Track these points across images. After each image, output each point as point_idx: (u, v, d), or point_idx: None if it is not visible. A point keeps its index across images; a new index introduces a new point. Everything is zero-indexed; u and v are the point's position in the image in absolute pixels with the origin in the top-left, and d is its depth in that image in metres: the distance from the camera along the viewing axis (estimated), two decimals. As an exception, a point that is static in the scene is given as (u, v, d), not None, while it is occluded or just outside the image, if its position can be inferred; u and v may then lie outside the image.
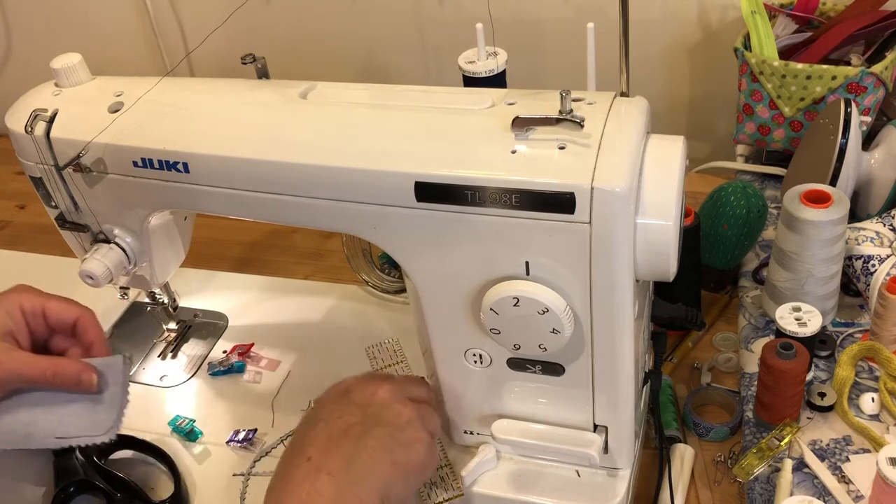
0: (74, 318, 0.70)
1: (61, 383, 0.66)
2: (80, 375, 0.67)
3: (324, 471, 0.58)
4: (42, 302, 0.69)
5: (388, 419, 0.63)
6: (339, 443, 0.60)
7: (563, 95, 0.58)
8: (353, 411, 0.63)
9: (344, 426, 0.61)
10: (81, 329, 0.70)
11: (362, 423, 0.62)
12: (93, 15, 1.42)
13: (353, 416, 0.62)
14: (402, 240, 0.63)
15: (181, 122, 0.68)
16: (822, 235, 0.80)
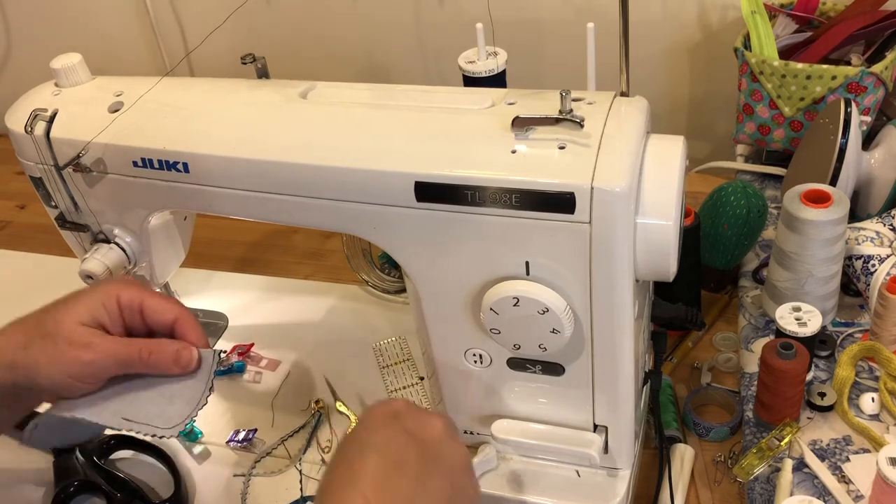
0: (174, 318, 0.65)
1: (158, 362, 0.62)
2: (179, 352, 0.63)
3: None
4: (141, 297, 0.64)
5: (449, 462, 0.57)
6: (397, 483, 0.53)
7: (563, 95, 0.58)
8: (409, 443, 0.55)
9: (400, 461, 0.54)
10: (181, 331, 0.65)
11: (422, 461, 0.55)
12: (93, 15, 1.42)
13: (410, 450, 0.55)
14: (402, 240, 0.63)
15: (181, 122, 0.68)
16: (822, 235, 0.80)
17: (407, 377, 0.85)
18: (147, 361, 0.62)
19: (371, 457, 0.54)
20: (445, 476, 0.55)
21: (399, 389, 0.84)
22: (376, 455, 0.54)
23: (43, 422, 0.65)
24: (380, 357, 0.88)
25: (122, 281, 0.67)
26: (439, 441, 0.57)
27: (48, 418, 0.64)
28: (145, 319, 0.65)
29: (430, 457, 0.55)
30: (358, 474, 0.53)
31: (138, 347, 0.62)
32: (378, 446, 0.55)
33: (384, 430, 0.56)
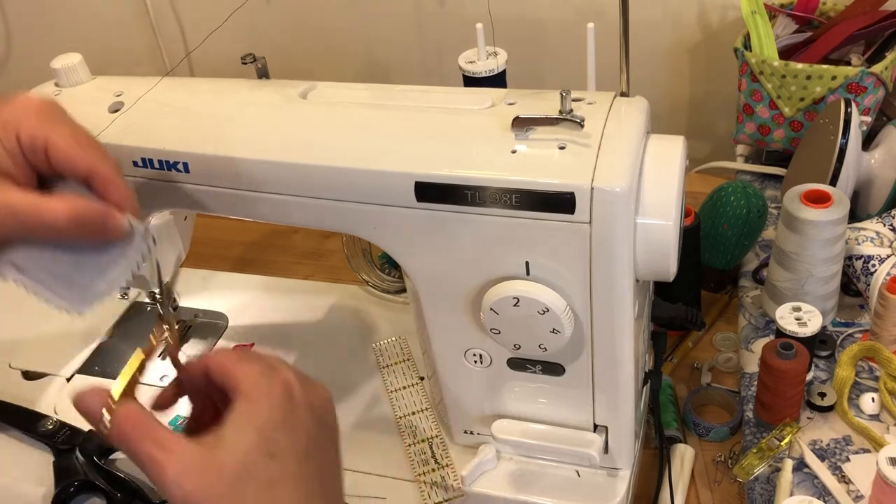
0: (86, 171, 0.51)
1: (82, 231, 0.50)
2: (107, 220, 0.50)
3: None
4: (45, 134, 0.50)
5: (332, 423, 0.52)
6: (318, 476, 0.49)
7: (563, 95, 0.58)
8: (309, 424, 0.50)
9: (310, 449, 0.49)
10: (99, 189, 0.51)
11: (322, 437, 0.51)
12: (93, 15, 1.42)
13: (312, 430, 0.50)
14: (402, 240, 0.63)
15: (181, 122, 0.68)
16: (822, 235, 0.80)
17: (407, 377, 0.85)
18: (66, 227, 0.49)
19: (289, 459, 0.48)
20: (335, 440, 0.52)
21: (399, 389, 0.84)
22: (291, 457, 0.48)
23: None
24: (380, 357, 0.88)
25: (28, 105, 0.51)
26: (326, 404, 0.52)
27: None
28: (54, 166, 0.50)
29: (322, 429, 0.51)
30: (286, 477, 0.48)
31: (54, 209, 0.49)
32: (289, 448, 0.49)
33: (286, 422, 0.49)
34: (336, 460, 0.52)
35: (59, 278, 0.52)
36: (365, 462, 0.77)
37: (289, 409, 0.48)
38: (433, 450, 0.76)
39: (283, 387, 0.49)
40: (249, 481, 0.46)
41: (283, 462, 0.47)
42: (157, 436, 0.47)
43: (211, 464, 0.45)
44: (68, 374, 0.89)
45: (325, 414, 0.51)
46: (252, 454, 0.46)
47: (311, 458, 0.49)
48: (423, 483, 0.74)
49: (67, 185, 0.52)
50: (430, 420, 0.79)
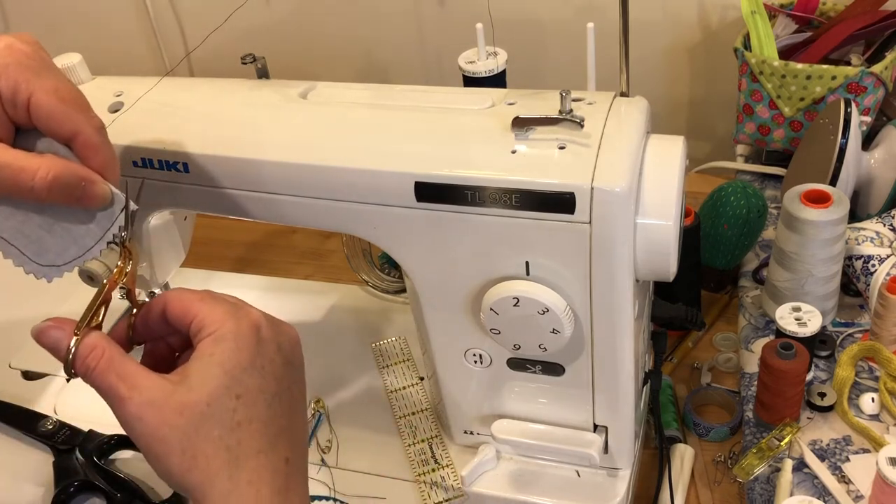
0: (71, 133, 0.48)
1: (60, 196, 0.47)
2: (87, 186, 0.48)
3: (294, 467, 0.48)
4: (29, 88, 0.46)
5: (300, 363, 0.52)
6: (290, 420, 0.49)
7: (563, 95, 0.58)
8: (277, 367, 0.49)
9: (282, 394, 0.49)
10: (82, 154, 0.48)
11: (287, 379, 0.50)
12: (93, 15, 1.42)
13: (281, 376, 0.49)
14: (402, 240, 0.63)
15: (181, 122, 0.68)
16: (822, 235, 0.80)
17: (407, 377, 0.85)
18: (45, 188, 0.46)
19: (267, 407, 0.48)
20: (301, 381, 0.52)
21: (399, 389, 0.84)
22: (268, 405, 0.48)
23: None
24: (380, 357, 0.88)
25: (11, 53, 0.47)
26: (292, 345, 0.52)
27: None
28: (35, 123, 0.48)
29: (288, 368, 0.51)
30: (268, 431, 0.48)
31: (30, 166, 0.46)
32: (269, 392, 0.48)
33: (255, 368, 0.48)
34: (302, 401, 0.51)
35: (31, 240, 0.50)
36: (365, 462, 0.77)
37: (257, 349, 0.48)
38: (433, 450, 0.76)
39: (251, 326, 0.48)
40: (214, 421, 0.45)
41: (250, 404, 0.46)
42: (121, 368, 0.46)
43: (175, 400, 0.45)
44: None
45: (292, 354, 0.51)
46: (218, 394, 0.45)
47: (279, 400, 0.48)
48: (423, 483, 0.74)
49: (51, 145, 0.49)
50: (430, 420, 0.79)
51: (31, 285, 1.04)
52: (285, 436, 0.48)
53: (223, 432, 0.45)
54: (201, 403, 0.45)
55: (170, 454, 0.45)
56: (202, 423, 0.45)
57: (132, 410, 0.45)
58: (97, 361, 0.47)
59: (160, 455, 0.45)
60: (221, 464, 0.45)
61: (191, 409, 0.45)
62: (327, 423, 0.82)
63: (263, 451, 0.47)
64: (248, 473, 0.46)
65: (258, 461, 0.46)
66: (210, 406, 0.45)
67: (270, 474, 0.47)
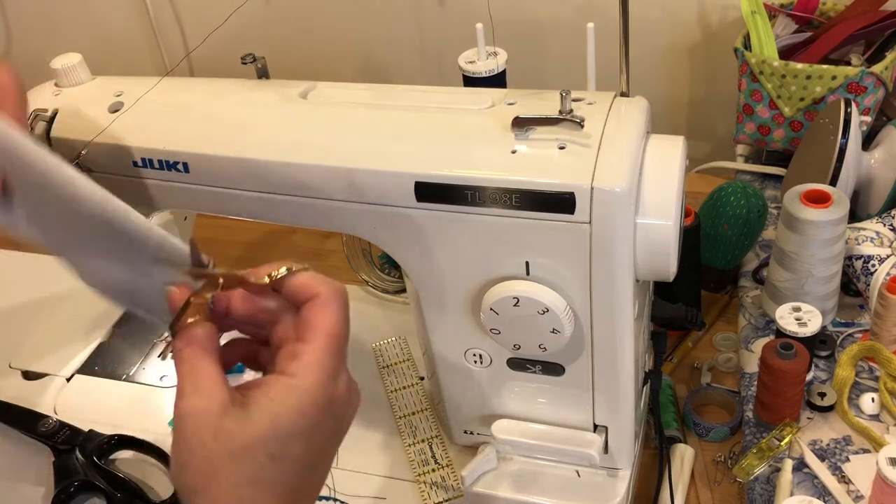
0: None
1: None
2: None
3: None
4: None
5: (345, 430, 0.52)
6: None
7: (563, 95, 0.58)
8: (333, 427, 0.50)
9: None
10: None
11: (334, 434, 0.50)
12: (93, 15, 1.42)
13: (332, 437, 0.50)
14: (402, 240, 0.63)
15: (181, 122, 0.68)
16: (822, 235, 0.80)
17: (407, 377, 0.85)
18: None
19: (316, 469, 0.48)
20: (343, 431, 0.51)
21: (399, 389, 0.84)
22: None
23: None
24: (380, 357, 0.88)
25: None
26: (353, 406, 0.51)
27: None
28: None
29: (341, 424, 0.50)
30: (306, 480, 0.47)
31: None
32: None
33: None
34: (329, 465, 0.50)
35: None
36: (365, 462, 0.77)
37: (316, 421, 0.46)
38: (433, 450, 0.76)
39: (330, 399, 0.47)
40: (236, 467, 0.44)
41: (281, 469, 0.45)
42: (196, 364, 0.46)
43: (219, 422, 0.44)
44: (68, 374, 0.89)
45: (343, 428, 0.50)
46: (254, 445, 0.44)
47: (313, 471, 0.47)
48: (423, 483, 0.74)
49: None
50: (430, 420, 0.79)
51: (32, 285, 1.04)
52: (300, 501, 0.47)
53: (241, 481, 0.44)
54: (236, 443, 0.44)
55: (188, 467, 0.44)
56: (227, 461, 0.44)
57: (181, 407, 0.45)
58: (185, 345, 0.47)
59: (181, 462, 0.45)
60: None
61: (224, 442, 0.44)
62: (327, 423, 0.82)
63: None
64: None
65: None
66: (244, 450, 0.44)
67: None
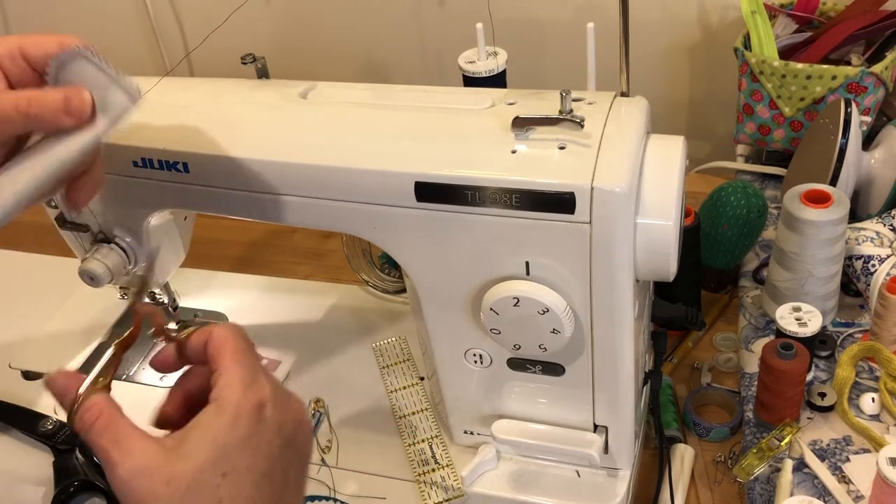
0: (57, 44, 0.53)
1: (43, 114, 0.51)
2: (69, 98, 0.51)
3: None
4: (18, 41, 0.52)
5: (302, 443, 0.52)
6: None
7: (563, 95, 0.58)
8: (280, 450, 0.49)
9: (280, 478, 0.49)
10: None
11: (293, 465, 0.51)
12: (93, 15, 1.42)
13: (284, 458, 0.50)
14: (402, 240, 0.63)
15: (181, 122, 0.68)
16: (822, 235, 0.80)
17: (407, 377, 0.85)
18: (28, 113, 0.50)
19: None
20: (304, 460, 0.52)
21: (399, 389, 0.84)
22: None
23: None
24: (380, 357, 0.88)
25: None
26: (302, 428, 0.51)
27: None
28: (31, 64, 0.53)
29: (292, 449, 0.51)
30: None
31: (14, 98, 0.50)
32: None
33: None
34: (298, 482, 0.51)
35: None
36: (365, 462, 0.77)
37: (255, 429, 0.48)
38: (433, 450, 0.76)
39: (256, 405, 0.48)
40: (196, 495, 0.45)
41: (236, 483, 0.46)
42: (116, 431, 0.46)
43: (163, 470, 0.45)
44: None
45: (295, 435, 0.50)
46: (206, 468, 0.45)
47: (269, 481, 0.48)
48: (423, 483, 0.74)
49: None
50: (430, 420, 0.79)
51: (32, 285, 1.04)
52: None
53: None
54: (187, 475, 0.45)
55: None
56: (186, 494, 0.45)
57: (121, 475, 0.45)
58: (94, 420, 0.47)
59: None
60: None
61: (177, 481, 0.45)
62: (327, 423, 0.82)
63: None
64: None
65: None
66: (195, 479, 0.45)
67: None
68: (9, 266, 1.12)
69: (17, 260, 1.13)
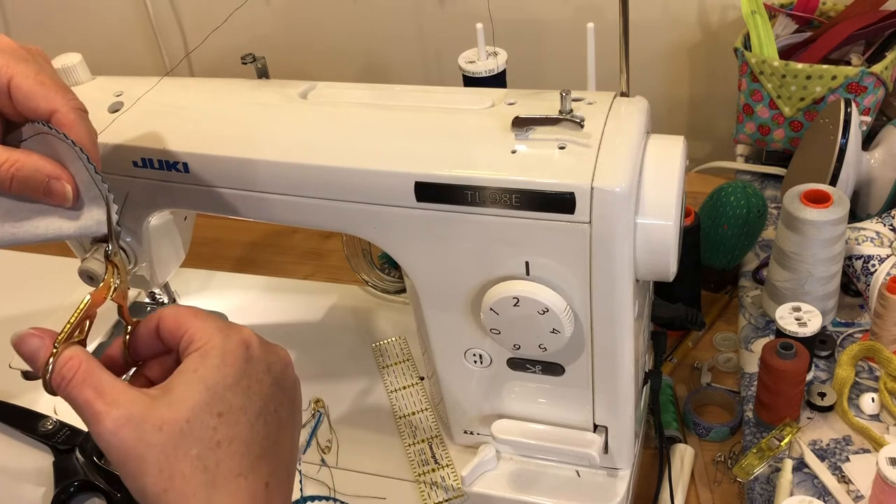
0: (49, 111, 0.48)
1: (22, 190, 0.48)
2: (50, 182, 0.49)
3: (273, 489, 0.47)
4: (9, 72, 0.48)
5: (291, 385, 0.50)
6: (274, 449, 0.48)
7: (563, 95, 0.58)
8: (273, 392, 0.48)
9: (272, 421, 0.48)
10: (58, 127, 0.49)
11: (284, 406, 0.49)
12: (93, 15, 1.42)
13: (274, 400, 0.49)
14: (402, 240, 0.63)
15: (181, 122, 0.68)
16: (822, 235, 0.80)
17: (407, 377, 0.85)
18: (7, 181, 0.47)
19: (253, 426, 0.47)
20: (293, 405, 0.50)
21: (399, 389, 0.84)
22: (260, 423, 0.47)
23: None
24: (380, 357, 0.88)
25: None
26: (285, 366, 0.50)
27: None
28: (14, 103, 0.48)
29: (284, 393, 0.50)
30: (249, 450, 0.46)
31: (3, 158, 0.47)
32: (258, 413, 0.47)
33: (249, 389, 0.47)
34: (291, 423, 0.50)
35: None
36: (365, 462, 0.77)
37: (244, 368, 0.46)
38: (433, 450, 0.76)
39: (241, 344, 0.47)
40: (192, 439, 0.44)
41: (232, 423, 0.45)
42: (98, 382, 0.45)
43: (153, 416, 0.43)
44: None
45: (283, 376, 0.49)
46: (199, 411, 0.44)
47: (264, 421, 0.47)
48: (423, 483, 0.74)
49: (34, 127, 0.50)
50: (430, 420, 0.79)
51: (32, 285, 1.04)
52: (268, 459, 0.47)
53: (202, 451, 0.44)
54: (181, 420, 0.44)
55: (146, 473, 0.43)
56: (181, 440, 0.44)
57: (108, 426, 0.43)
58: (73, 373, 0.45)
59: (136, 473, 0.44)
60: (198, 485, 0.44)
61: (170, 426, 0.43)
62: (327, 423, 0.82)
63: (243, 473, 0.45)
64: (226, 497, 0.44)
65: (237, 484, 0.45)
66: (190, 423, 0.44)
67: (248, 499, 0.45)
68: (9, 266, 1.12)
69: (17, 260, 1.13)
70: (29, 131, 0.50)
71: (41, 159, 0.49)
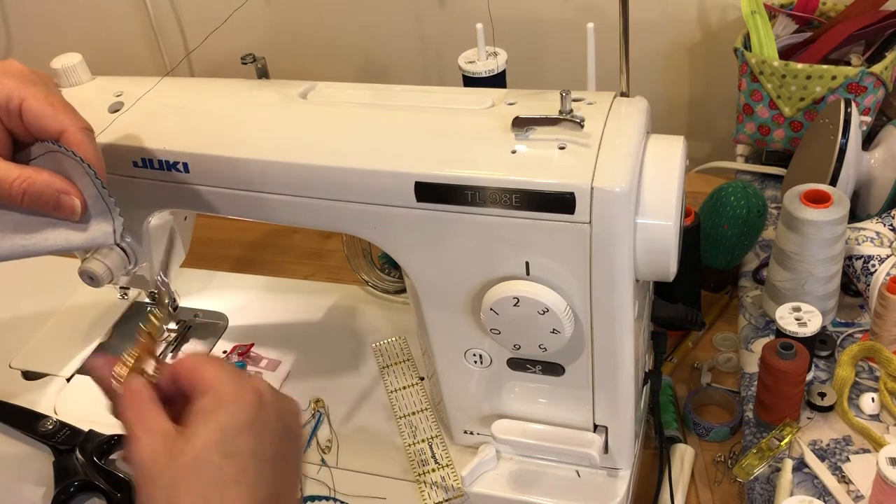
0: (59, 131, 0.52)
1: (36, 201, 0.52)
2: (60, 197, 0.52)
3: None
4: (22, 94, 0.52)
5: (298, 435, 0.53)
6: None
7: (563, 95, 0.58)
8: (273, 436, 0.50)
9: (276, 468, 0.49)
10: (66, 146, 0.53)
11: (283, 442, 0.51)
12: (93, 15, 1.42)
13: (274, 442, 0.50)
14: (402, 240, 0.63)
15: (181, 122, 0.68)
16: (822, 235, 0.80)
17: (407, 377, 0.85)
18: (18, 200, 0.51)
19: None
20: (296, 448, 0.52)
21: (399, 389, 0.84)
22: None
23: None
24: (380, 357, 0.88)
25: (8, 69, 0.54)
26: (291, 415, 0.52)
27: None
28: (25, 123, 0.52)
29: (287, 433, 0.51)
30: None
31: (15, 174, 0.51)
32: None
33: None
34: (296, 472, 0.52)
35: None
36: (365, 462, 0.77)
37: (256, 413, 0.48)
38: (433, 450, 0.76)
39: (254, 392, 0.49)
40: (196, 474, 0.46)
41: (240, 465, 0.47)
42: (145, 411, 0.48)
43: (170, 449, 0.46)
44: (68, 375, 0.89)
45: (292, 425, 0.51)
46: (208, 450, 0.46)
47: (272, 467, 0.48)
48: (423, 483, 0.74)
49: (44, 146, 0.53)
50: (430, 420, 0.79)
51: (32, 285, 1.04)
52: (272, 501, 0.48)
53: (205, 488, 0.45)
54: (189, 454, 0.46)
55: (154, 498, 0.46)
56: (186, 473, 0.46)
57: (136, 452, 0.47)
58: (130, 400, 0.50)
59: (147, 497, 0.46)
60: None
61: (180, 459, 0.46)
62: (327, 423, 0.82)
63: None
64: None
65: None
66: (197, 458, 0.46)
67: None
68: (9, 266, 1.12)
69: (17, 260, 1.13)
70: (38, 150, 0.54)
71: (51, 175, 0.53)
